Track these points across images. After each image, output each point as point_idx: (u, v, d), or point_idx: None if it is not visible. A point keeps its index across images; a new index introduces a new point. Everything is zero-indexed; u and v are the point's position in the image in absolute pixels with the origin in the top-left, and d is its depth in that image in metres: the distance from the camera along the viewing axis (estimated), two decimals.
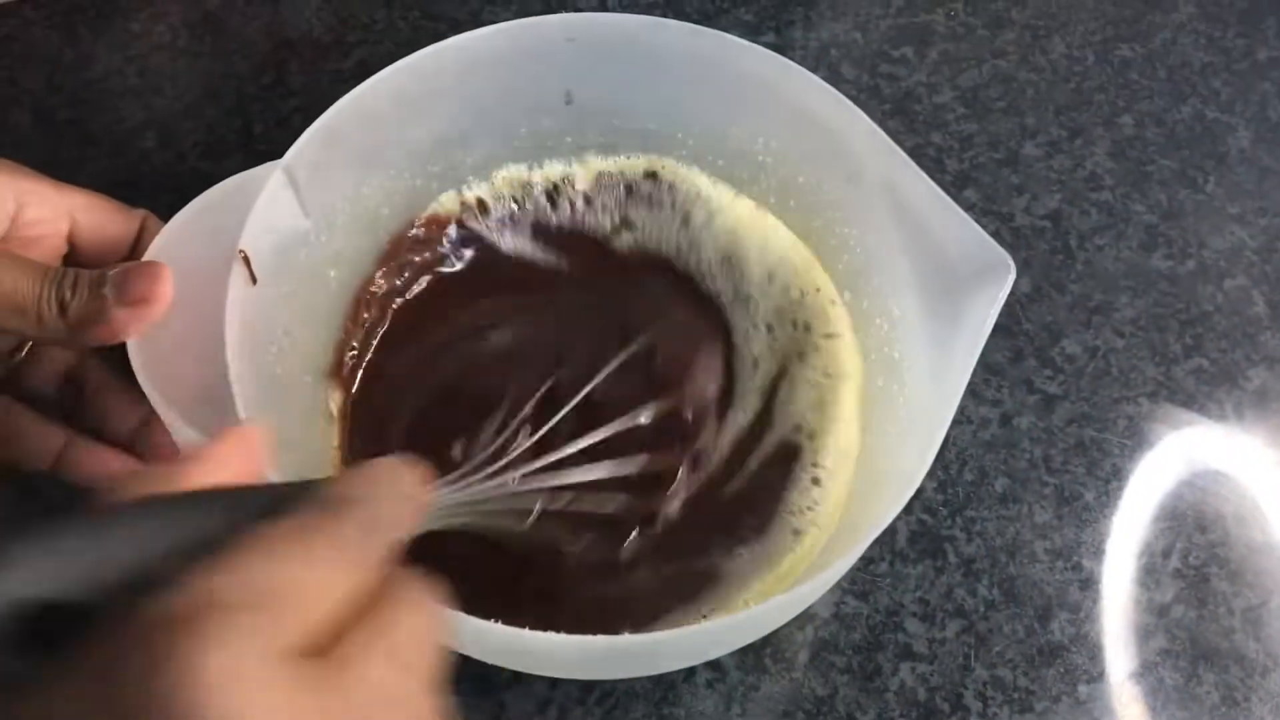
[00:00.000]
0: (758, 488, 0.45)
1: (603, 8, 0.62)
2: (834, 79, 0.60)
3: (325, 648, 0.23)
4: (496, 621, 0.33)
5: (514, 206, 0.50)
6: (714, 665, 0.44)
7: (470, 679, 0.44)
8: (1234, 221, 0.56)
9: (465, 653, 0.38)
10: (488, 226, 0.50)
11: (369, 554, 0.25)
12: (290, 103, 0.58)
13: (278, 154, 0.42)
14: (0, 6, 0.60)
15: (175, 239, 0.40)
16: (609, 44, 0.44)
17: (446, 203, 0.50)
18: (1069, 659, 0.45)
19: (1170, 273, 0.55)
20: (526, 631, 0.33)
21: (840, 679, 0.45)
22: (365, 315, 0.47)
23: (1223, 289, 0.55)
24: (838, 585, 0.46)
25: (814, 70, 0.44)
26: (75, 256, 0.45)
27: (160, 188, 0.55)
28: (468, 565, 0.42)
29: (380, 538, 0.25)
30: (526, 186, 0.50)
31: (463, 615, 0.33)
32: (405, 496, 0.27)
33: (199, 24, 0.61)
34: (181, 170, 0.56)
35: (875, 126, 0.42)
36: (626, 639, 0.33)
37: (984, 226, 0.39)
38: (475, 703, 0.44)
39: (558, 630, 0.34)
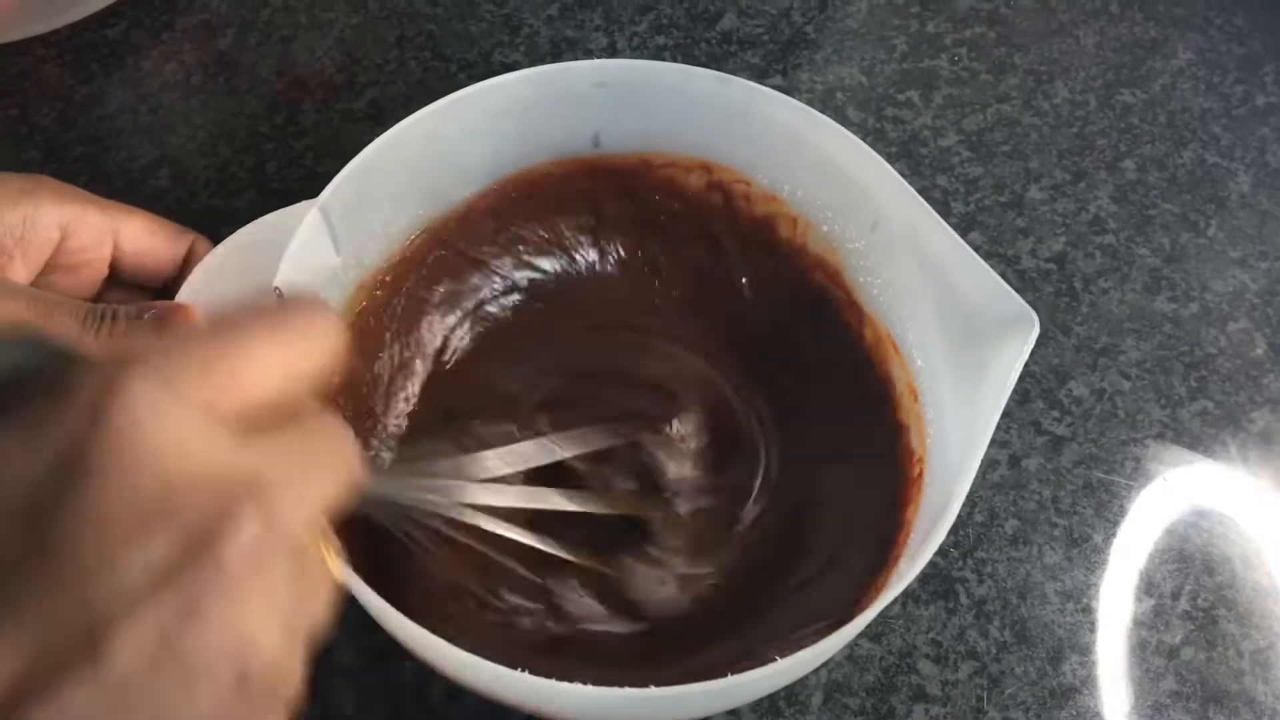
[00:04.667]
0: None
1: (612, 50, 0.63)
2: (840, 121, 0.60)
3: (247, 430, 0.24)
4: (523, 670, 0.33)
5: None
6: (730, 709, 0.44)
7: (483, 718, 0.44)
8: (1236, 265, 0.57)
9: (482, 693, 0.38)
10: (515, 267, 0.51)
11: (306, 346, 0.26)
12: (303, 142, 0.59)
13: (290, 193, 0.43)
14: (12, 44, 0.61)
15: (212, 274, 0.41)
16: (638, 90, 0.45)
17: None
18: (1080, 701, 0.46)
19: (1174, 315, 0.56)
20: (542, 680, 0.33)
21: None
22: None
23: (1226, 332, 0.55)
24: None
25: (819, 113, 0.45)
26: (118, 276, 0.45)
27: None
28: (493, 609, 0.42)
29: (310, 344, 0.26)
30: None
31: (483, 660, 0.33)
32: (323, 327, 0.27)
33: (211, 63, 0.62)
34: (195, 208, 0.56)
35: (900, 178, 0.42)
36: (643, 692, 0.33)
37: (990, 269, 0.40)
38: None
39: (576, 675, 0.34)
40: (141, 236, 0.44)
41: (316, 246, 0.41)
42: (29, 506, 0.21)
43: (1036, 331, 0.37)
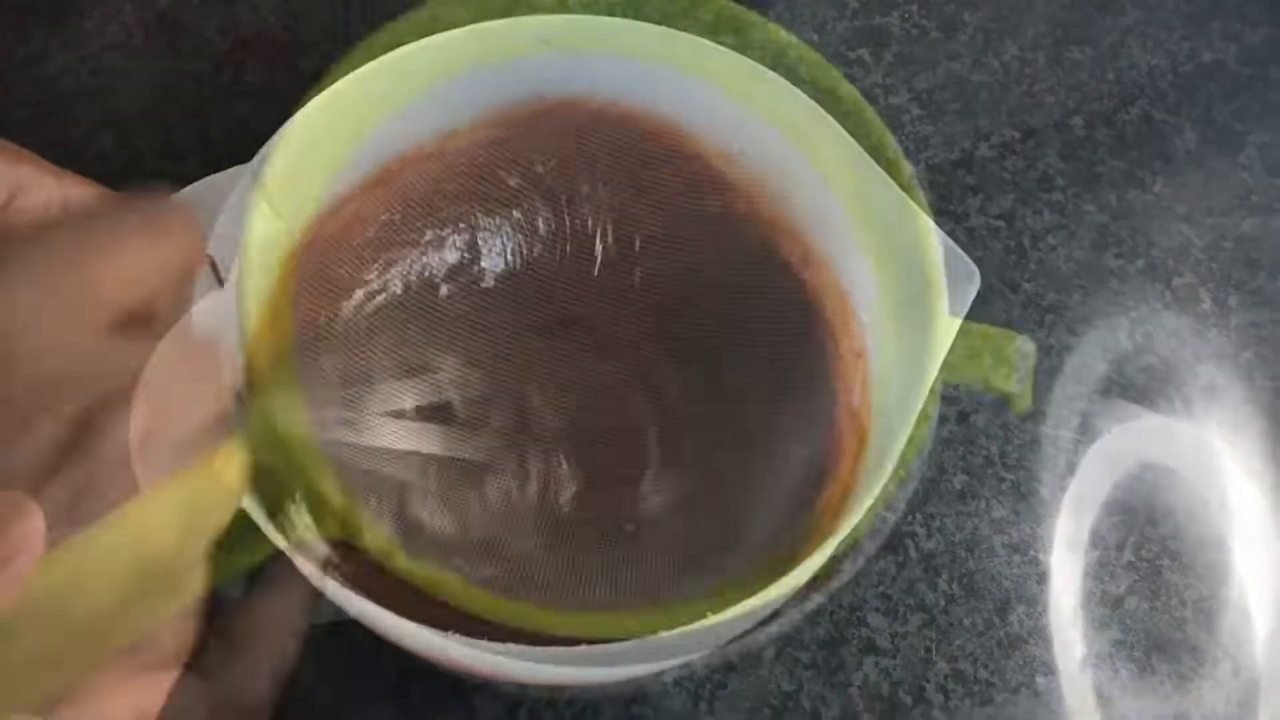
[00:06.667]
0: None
1: (562, 8, 0.62)
2: (790, 80, 0.60)
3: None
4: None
5: None
6: (682, 664, 0.45)
7: (439, 681, 0.44)
8: (1181, 221, 0.58)
9: (429, 658, 0.38)
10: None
11: (173, 245, 0.26)
12: (249, 103, 0.58)
13: (237, 155, 0.42)
14: None
15: None
16: (584, 47, 0.44)
17: None
18: (1027, 651, 0.46)
19: (1120, 271, 0.56)
20: (486, 643, 0.33)
21: (805, 674, 0.45)
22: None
23: (1171, 287, 0.56)
24: None
25: (771, 70, 0.45)
26: None
27: (119, 190, 0.54)
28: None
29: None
30: None
31: (423, 627, 0.33)
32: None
33: (153, 23, 0.60)
34: (140, 172, 0.55)
35: (848, 136, 0.42)
36: (586, 649, 0.33)
37: (939, 227, 0.40)
38: (445, 705, 0.44)
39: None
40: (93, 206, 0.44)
41: (253, 211, 0.40)
42: None
43: (977, 286, 0.38)
